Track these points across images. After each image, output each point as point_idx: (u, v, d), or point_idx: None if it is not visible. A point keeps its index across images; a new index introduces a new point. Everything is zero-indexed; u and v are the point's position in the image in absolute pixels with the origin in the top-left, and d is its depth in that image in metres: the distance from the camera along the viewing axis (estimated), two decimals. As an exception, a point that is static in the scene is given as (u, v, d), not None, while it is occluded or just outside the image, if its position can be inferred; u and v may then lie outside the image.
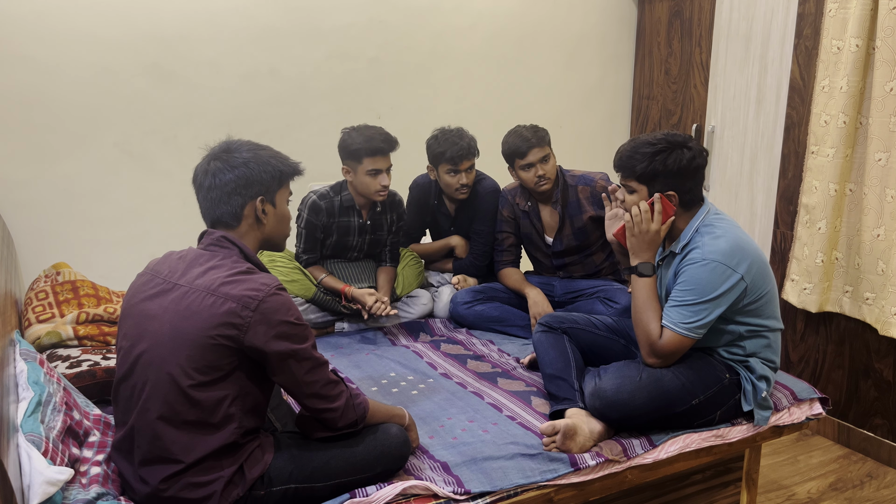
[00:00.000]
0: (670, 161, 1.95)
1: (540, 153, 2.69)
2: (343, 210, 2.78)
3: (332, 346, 2.66)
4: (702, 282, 1.92)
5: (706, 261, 1.92)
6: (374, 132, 2.64)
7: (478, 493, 1.72)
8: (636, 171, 1.99)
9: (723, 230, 1.97)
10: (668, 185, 1.97)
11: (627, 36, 3.85)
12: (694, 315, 1.93)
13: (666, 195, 1.98)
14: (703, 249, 1.94)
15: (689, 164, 1.96)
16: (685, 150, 1.96)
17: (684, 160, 1.96)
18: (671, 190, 1.98)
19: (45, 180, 2.74)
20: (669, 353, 1.96)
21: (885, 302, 2.60)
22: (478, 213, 2.99)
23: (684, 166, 1.96)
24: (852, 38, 2.61)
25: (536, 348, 2.27)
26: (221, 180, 1.63)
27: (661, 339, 1.96)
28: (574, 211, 2.79)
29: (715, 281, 1.92)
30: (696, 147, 2.00)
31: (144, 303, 1.58)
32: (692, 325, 1.93)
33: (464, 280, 3.01)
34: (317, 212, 2.75)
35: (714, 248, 1.93)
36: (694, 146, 1.99)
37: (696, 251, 1.95)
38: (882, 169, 2.60)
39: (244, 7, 2.95)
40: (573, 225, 2.80)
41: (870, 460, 2.80)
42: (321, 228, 2.77)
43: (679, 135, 2.01)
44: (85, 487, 1.46)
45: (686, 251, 2.00)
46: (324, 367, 1.59)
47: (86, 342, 2.23)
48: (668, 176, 1.96)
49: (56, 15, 2.65)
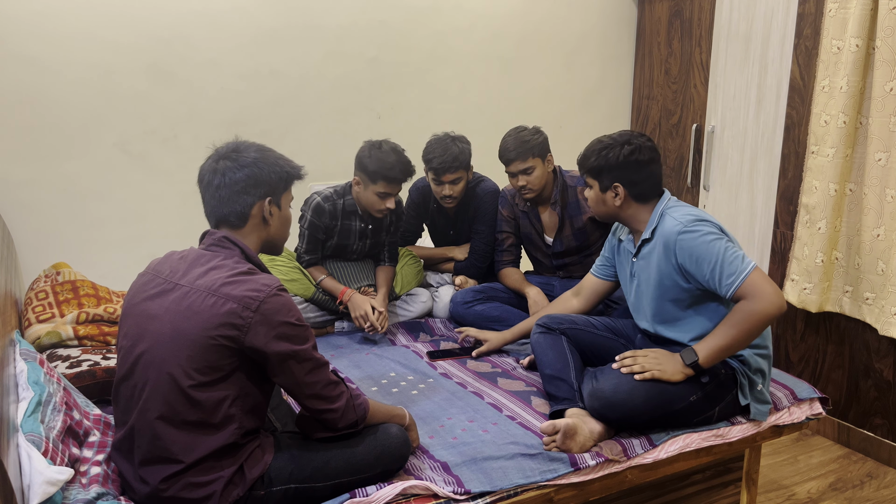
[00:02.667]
0: (611, 156, 2.09)
1: (521, 165, 2.67)
2: (346, 213, 2.78)
3: (332, 346, 2.66)
4: (705, 236, 1.97)
5: (685, 225, 2.00)
6: (394, 160, 2.61)
7: (478, 493, 1.72)
8: (586, 166, 2.16)
9: (686, 208, 2.08)
10: (613, 178, 2.10)
11: (627, 36, 3.85)
12: (734, 252, 1.95)
13: (612, 188, 2.11)
14: (677, 221, 2.02)
15: (627, 159, 2.08)
16: (625, 147, 2.09)
17: (622, 156, 2.08)
18: (616, 182, 2.10)
19: (45, 180, 2.74)
20: (763, 291, 1.90)
21: (885, 302, 2.60)
22: (477, 214, 2.99)
23: (622, 161, 2.08)
24: (852, 38, 2.61)
25: (534, 349, 2.27)
26: (231, 179, 1.63)
27: (750, 299, 1.91)
28: (574, 212, 2.78)
29: (710, 229, 1.99)
30: (640, 144, 2.10)
31: (145, 303, 1.58)
32: (744, 258, 1.94)
33: (465, 281, 3.01)
34: (320, 214, 2.74)
35: (685, 214, 2.04)
36: (637, 142, 2.10)
37: (673, 225, 2.02)
38: (882, 169, 2.60)
39: (244, 7, 2.95)
40: (573, 226, 2.79)
41: (870, 460, 2.80)
42: (323, 230, 2.77)
43: (631, 133, 2.14)
44: (85, 487, 1.46)
45: (656, 234, 2.07)
46: (324, 367, 1.59)
47: (86, 342, 2.23)
48: (610, 170, 2.10)
49: (56, 15, 2.65)
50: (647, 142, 2.11)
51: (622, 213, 2.14)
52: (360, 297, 2.72)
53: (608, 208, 2.15)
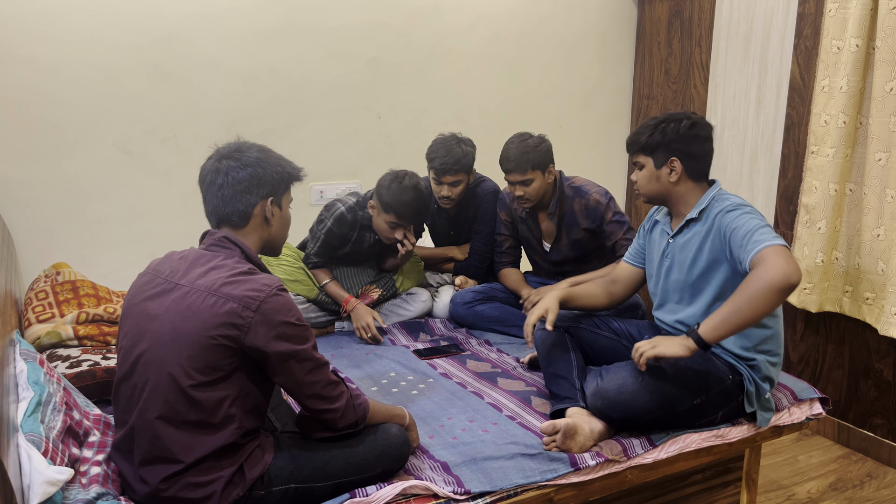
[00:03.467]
0: (669, 129, 2.05)
1: (519, 177, 2.64)
2: (363, 226, 2.78)
3: (332, 346, 2.66)
4: (748, 213, 1.94)
5: (734, 206, 1.98)
6: (411, 199, 2.60)
7: (478, 493, 1.72)
8: (640, 142, 2.10)
9: (737, 198, 2.05)
10: (671, 152, 2.06)
11: (627, 36, 3.85)
12: (770, 230, 1.88)
13: (669, 163, 2.06)
14: (727, 202, 2.01)
15: (688, 132, 2.05)
16: (685, 120, 2.06)
17: (682, 129, 2.05)
18: (674, 157, 2.05)
19: (45, 180, 2.74)
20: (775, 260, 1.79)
21: (885, 302, 2.60)
22: (478, 214, 2.99)
23: (682, 134, 2.05)
24: (852, 38, 2.61)
25: (538, 346, 2.26)
26: (235, 178, 1.63)
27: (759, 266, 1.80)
28: (570, 222, 2.76)
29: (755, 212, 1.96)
30: (698, 119, 2.08)
31: (145, 302, 1.58)
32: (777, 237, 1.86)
33: (465, 281, 3.01)
34: (341, 223, 2.73)
35: (736, 200, 2.01)
36: (695, 117, 2.08)
37: (724, 206, 2.00)
38: (882, 169, 2.60)
39: (244, 7, 2.95)
40: (569, 236, 2.78)
41: (870, 460, 2.80)
42: (340, 238, 2.77)
43: (684, 112, 2.10)
44: (85, 487, 1.46)
45: (704, 215, 2.04)
46: (324, 367, 1.59)
47: (86, 342, 2.23)
48: (668, 144, 2.05)
49: (56, 15, 2.65)
50: (702, 119, 2.10)
51: (674, 190, 2.08)
52: (363, 308, 2.74)
53: (661, 185, 2.09)
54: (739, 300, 1.81)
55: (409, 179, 2.63)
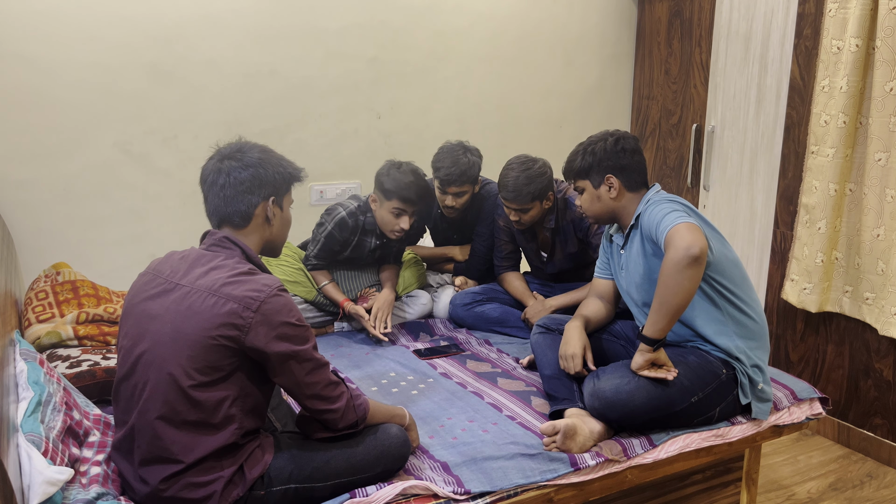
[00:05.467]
0: (598, 149, 2.14)
1: (514, 205, 2.59)
2: (364, 231, 2.78)
3: (332, 346, 2.66)
4: (663, 204, 2.00)
5: (654, 201, 2.05)
6: (411, 181, 2.60)
7: (478, 493, 1.72)
8: (575, 169, 2.19)
9: (669, 195, 2.10)
10: (604, 170, 2.13)
11: (627, 36, 3.85)
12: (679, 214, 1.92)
13: (605, 181, 2.13)
14: (651, 201, 2.07)
15: (614, 147, 2.13)
16: (609, 138, 2.15)
17: (608, 146, 2.13)
18: (608, 174, 2.13)
19: (45, 180, 2.74)
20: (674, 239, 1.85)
21: (885, 302, 2.60)
22: (480, 216, 2.99)
23: (610, 151, 2.13)
24: (852, 38, 2.61)
25: (534, 349, 2.27)
26: (237, 178, 1.64)
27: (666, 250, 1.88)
28: (566, 235, 2.74)
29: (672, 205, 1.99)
30: (622, 134, 2.16)
31: (146, 303, 1.58)
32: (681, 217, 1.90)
33: (465, 282, 3.00)
34: (342, 228, 2.72)
35: (663, 197, 2.08)
36: (618, 133, 2.17)
37: (646, 205, 2.07)
38: (882, 169, 2.60)
39: (244, 7, 2.95)
40: (564, 250, 2.76)
41: (870, 460, 2.80)
42: (340, 243, 2.76)
43: (605, 131, 2.21)
44: (85, 487, 1.46)
45: (639, 219, 2.10)
46: (325, 368, 1.59)
47: (86, 342, 2.23)
48: (600, 163, 2.14)
49: (56, 15, 2.65)
50: (626, 133, 2.18)
51: (617, 206, 2.15)
52: (353, 306, 2.74)
53: (604, 204, 2.15)
54: (661, 290, 1.89)
55: (406, 165, 2.65)
